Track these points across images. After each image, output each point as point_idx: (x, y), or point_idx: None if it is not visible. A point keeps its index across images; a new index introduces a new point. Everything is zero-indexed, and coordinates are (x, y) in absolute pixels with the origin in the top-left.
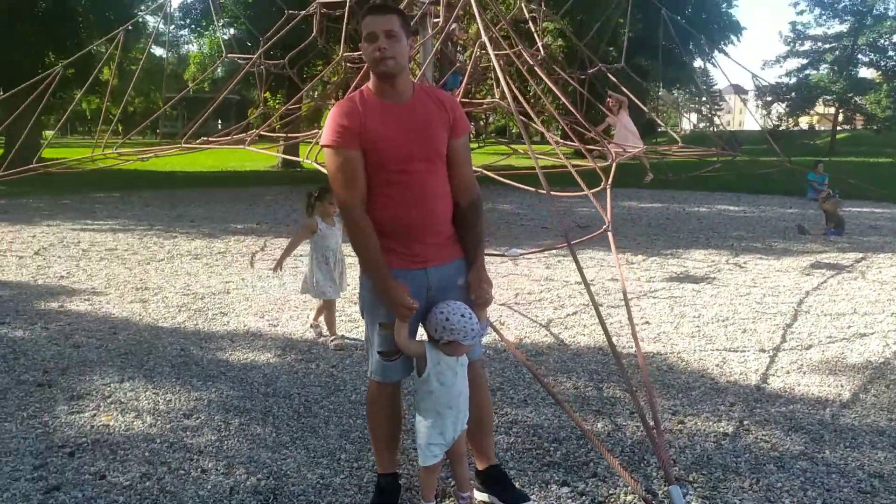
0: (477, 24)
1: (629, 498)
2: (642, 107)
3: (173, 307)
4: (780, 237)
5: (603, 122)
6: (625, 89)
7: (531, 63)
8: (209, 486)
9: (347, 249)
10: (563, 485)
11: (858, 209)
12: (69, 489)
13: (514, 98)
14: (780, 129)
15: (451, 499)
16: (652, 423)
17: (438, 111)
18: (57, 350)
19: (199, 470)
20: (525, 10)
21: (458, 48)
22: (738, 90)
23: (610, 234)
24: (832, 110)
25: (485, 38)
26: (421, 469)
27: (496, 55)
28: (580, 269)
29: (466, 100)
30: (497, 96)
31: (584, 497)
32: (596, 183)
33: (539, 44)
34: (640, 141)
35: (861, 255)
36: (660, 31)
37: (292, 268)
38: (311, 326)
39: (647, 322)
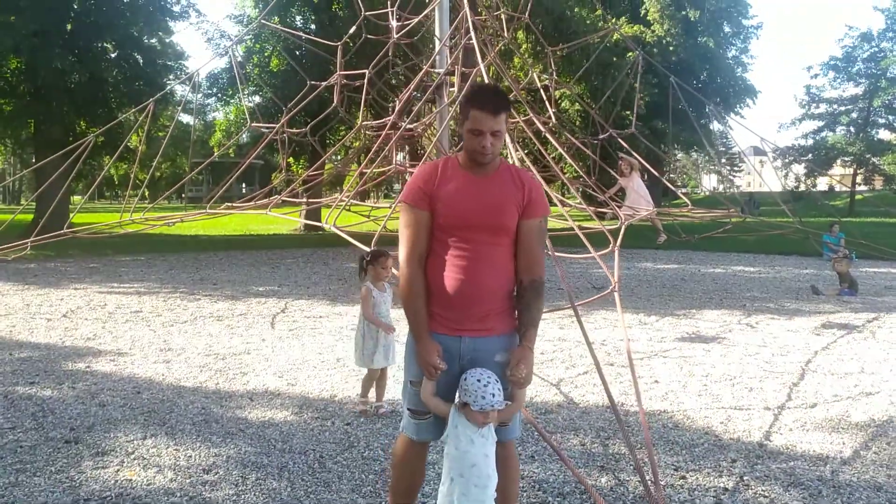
0: None
1: None
2: (654, 172)
3: (195, 367)
4: (793, 298)
5: (615, 186)
6: (635, 154)
7: (542, 130)
8: None
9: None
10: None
11: (875, 269)
12: None
13: (522, 162)
14: (799, 190)
15: None
16: (650, 479)
17: (514, 189)
18: (83, 408)
19: None
20: (537, 79)
21: None
22: (759, 152)
23: (616, 294)
24: (850, 171)
25: None
26: None
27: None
28: (584, 330)
29: None
30: (511, 160)
31: None
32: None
33: (550, 111)
34: (651, 204)
35: (874, 315)
36: (669, 97)
37: (311, 328)
38: (371, 406)
39: (656, 381)
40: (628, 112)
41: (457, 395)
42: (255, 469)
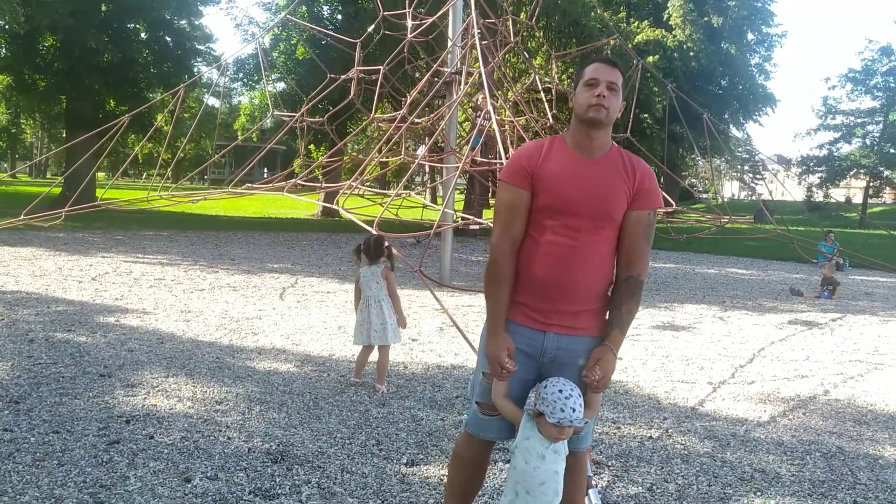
0: (494, 93)
1: None
2: (672, 175)
3: (212, 327)
4: (772, 298)
5: None
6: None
7: (537, 130)
8: (232, 447)
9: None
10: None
11: (863, 277)
12: (126, 443)
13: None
14: (812, 199)
15: None
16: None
17: (625, 176)
18: (114, 352)
19: (226, 437)
20: (539, 82)
21: (478, 114)
22: (782, 160)
23: None
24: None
25: (489, 107)
26: None
27: (509, 121)
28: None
29: (485, 159)
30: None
31: None
32: None
33: (549, 113)
34: None
35: (840, 315)
36: (667, 106)
37: (319, 301)
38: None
39: (620, 358)
40: (646, 115)
41: (532, 400)
42: (259, 403)
